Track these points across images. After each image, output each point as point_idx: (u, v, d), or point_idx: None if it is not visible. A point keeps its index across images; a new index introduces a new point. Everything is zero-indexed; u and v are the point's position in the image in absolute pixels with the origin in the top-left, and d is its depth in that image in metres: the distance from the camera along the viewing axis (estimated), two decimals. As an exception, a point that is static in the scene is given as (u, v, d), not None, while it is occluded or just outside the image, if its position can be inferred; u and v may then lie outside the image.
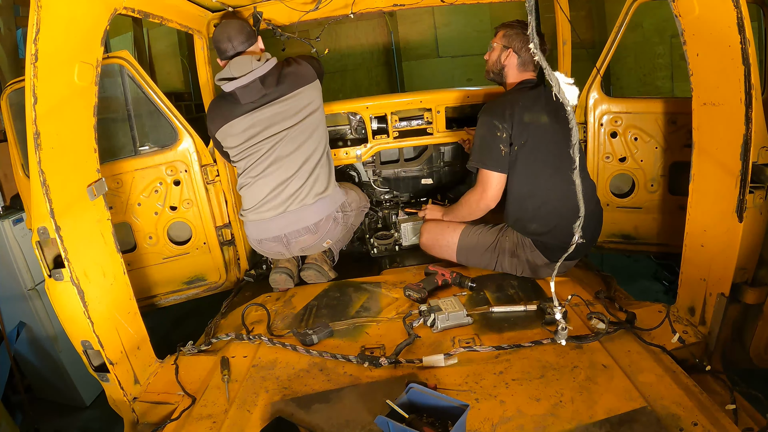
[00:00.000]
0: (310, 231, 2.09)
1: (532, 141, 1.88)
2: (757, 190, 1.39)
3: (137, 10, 1.66)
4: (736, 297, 1.48)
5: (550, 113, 1.91)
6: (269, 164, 2.03)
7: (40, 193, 1.27)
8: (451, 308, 1.72)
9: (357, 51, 5.40)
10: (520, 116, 1.88)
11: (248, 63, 1.96)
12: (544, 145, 1.88)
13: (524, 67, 2.01)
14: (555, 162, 1.88)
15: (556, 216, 1.89)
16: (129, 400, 1.51)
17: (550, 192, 1.89)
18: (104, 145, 1.76)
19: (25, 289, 2.40)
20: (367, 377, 1.49)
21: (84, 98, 1.44)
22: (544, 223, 1.91)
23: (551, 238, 1.90)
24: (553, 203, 1.89)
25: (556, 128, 1.89)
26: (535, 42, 0.87)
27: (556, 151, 1.86)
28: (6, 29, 3.05)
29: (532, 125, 1.88)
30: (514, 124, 1.88)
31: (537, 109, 1.91)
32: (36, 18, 1.19)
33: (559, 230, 1.88)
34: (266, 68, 1.98)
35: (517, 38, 2.00)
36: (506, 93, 2.03)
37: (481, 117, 1.97)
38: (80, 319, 1.38)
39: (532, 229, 1.93)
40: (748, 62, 1.29)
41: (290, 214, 2.05)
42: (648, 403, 1.25)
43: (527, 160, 1.90)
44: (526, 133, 1.88)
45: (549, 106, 1.92)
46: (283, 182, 2.03)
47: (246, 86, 1.96)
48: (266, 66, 1.98)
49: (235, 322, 1.92)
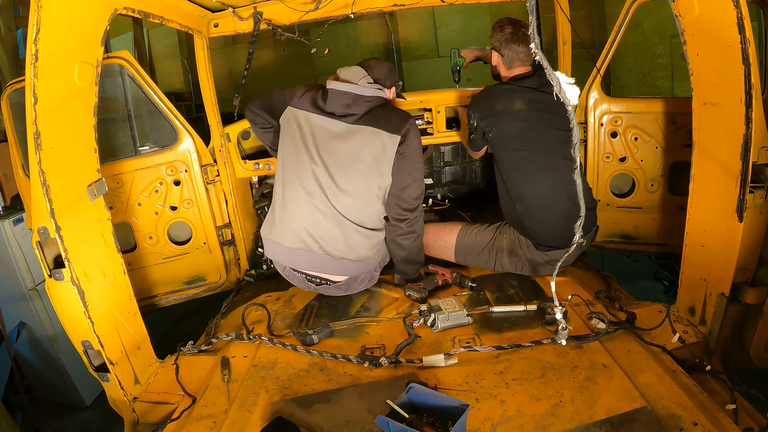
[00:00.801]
0: (342, 282, 1.93)
1: (507, 131, 1.92)
2: (757, 190, 1.39)
3: (137, 10, 1.66)
4: (736, 297, 1.48)
5: (537, 105, 1.91)
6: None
7: (41, 193, 1.27)
8: (451, 308, 1.72)
9: (357, 51, 5.39)
10: (492, 105, 1.95)
11: (358, 75, 1.90)
12: (526, 139, 1.89)
13: (511, 64, 2.02)
14: (551, 160, 1.87)
15: (548, 213, 1.89)
16: (129, 400, 1.51)
17: (540, 189, 1.89)
18: (104, 145, 1.76)
19: (25, 289, 2.39)
20: (367, 377, 1.49)
21: (84, 98, 1.44)
22: (537, 221, 1.91)
23: (546, 236, 1.90)
24: (546, 200, 1.88)
25: (542, 124, 1.89)
26: (536, 42, 0.87)
27: (551, 147, 1.87)
28: (6, 29, 3.05)
29: (506, 115, 1.91)
30: (485, 113, 1.95)
31: (516, 98, 1.93)
32: (36, 18, 1.19)
33: (553, 227, 1.88)
34: (367, 92, 1.87)
35: (496, 38, 2.03)
36: (496, 88, 2.03)
37: (469, 105, 2.08)
38: (80, 319, 1.38)
39: (527, 226, 1.93)
40: (748, 62, 1.29)
41: (328, 260, 1.87)
42: (648, 403, 1.25)
43: (505, 144, 1.94)
44: (499, 122, 1.92)
45: (538, 99, 1.92)
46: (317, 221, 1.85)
47: (340, 93, 1.87)
48: (369, 91, 1.88)
49: (236, 322, 1.92)
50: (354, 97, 1.87)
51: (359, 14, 2.32)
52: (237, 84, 2.42)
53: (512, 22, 2.01)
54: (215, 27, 2.30)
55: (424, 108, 2.51)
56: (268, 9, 2.25)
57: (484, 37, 4.94)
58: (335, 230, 1.85)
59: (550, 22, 2.70)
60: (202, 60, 2.30)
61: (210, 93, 2.35)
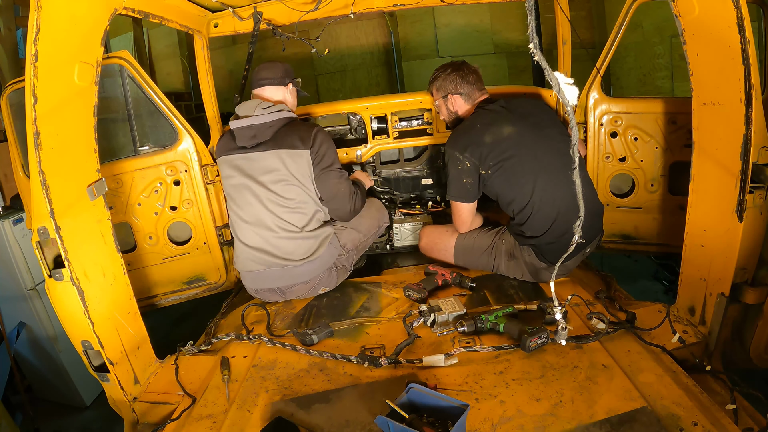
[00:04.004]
0: (305, 283, 2.02)
1: (503, 155, 1.87)
2: (757, 190, 1.39)
3: (137, 10, 1.66)
4: (736, 297, 1.48)
5: (521, 121, 1.91)
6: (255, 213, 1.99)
7: (40, 193, 1.27)
8: (451, 308, 1.73)
9: (357, 51, 5.39)
10: (480, 138, 1.89)
11: (253, 107, 1.97)
12: (521, 154, 1.87)
13: (470, 96, 2.04)
14: (539, 167, 1.87)
15: (549, 220, 1.87)
16: (129, 400, 1.51)
17: (538, 197, 1.87)
18: (104, 145, 1.76)
19: (25, 289, 2.39)
20: (367, 377, 1.49)
21: (84, 98, 1.44)
22: (538, 229, 1.90)
23: (547, 241, 1.89)
24: (545, 209, 1.87)
25: (532, 133, 1.89)
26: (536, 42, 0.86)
27: (539, 156, 1.87)
28: (6, 29, 3.05)
29: (498, 142, 1.87)
30: (476, 152, 1.89)
31: (499, 124, 1.90)
32: (36, 18, 1.19)
33: (553, 233, 1.88)
34: (266, 119, 1.96)
35: (444, 82, 2.06)
36: (465, 120, 2.03)
37: (445, 150, 2.01)
38: (80, 319, 1.38)
39: (528, 235, 1.92)
40: (748, 62, 1.29)
41: (279, 270, 1.98)
42: (648, 403, 1.25)
43: (507, 173, 1.89)
44: (494, 152, 1.87)
45: (517, 115, 1.93)
46: (266, 238, 1.97)
47: (242, 129, 1.97)
48: (269, 116, 1.96)
49: (235, 322, 1.92)
50: (256, 128, 1.96)
51: (359, 14, 2.32)
52: (237, 84, 2.42)
53: (446, 66, 2.08)
54: (215, 27, 2.30)
55: (424, 108, 2.51)
56: (268, 9, 2.25)
57: (484, 37, 4.99)
58: (285, 242, 1.97)
59: (550, 22, 2.70)
60: (202, 60, 2.30)
61: (210, 93, 2.35)
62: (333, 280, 2.09)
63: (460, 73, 2.04)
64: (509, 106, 1.98)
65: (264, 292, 2.05)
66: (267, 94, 2.07)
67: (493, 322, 1.61)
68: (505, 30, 4.96)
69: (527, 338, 1.49)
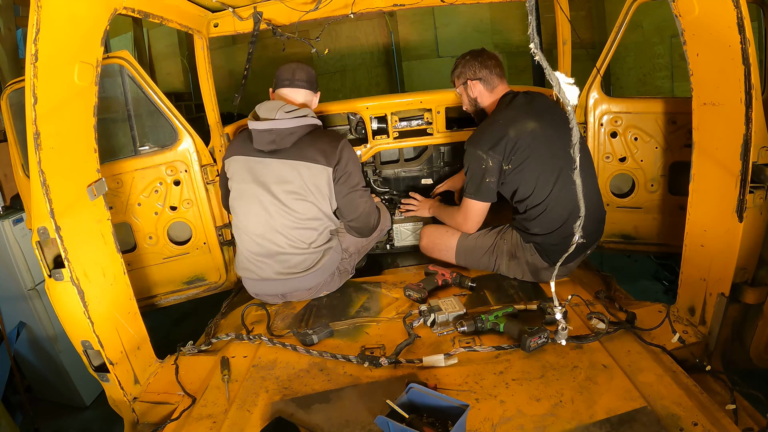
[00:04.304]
0: (307, 290, 2.01)
1: (526, 151, 1.85)
2: (757, 190, 1.39)
3: (137, 10, 1.66)
4: (736, 297, 1.48)
5: (541, 117, 1.90)
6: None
7: (40, 193, 1.27)
8: (451, 308, 1.73)
9: (357, 51, 5.39)
10: (503, 133, 1.85)
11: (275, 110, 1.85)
12: (542, 151, 1.86)
13: (489, 82, 2.01)
14: (557, 165, 1.86)
15: (560, 220, 1.87)
16: (129, 400, 1.51)
17: (554, 196, 1.87)
18: (104, 145, 1.76)
19: (25, 289, 2.39)
20: (367, 377, 1.49)
21: (84, 98, 1.44)
22: (547, 227, 1.89)
23: (552, 242, 1.89)
24: (557, 209, 1.87)
25: (551, 130, 1.87)
26: (536, 42, 0.86)
27: (557, 154, 1.85)
28: (6, 29, 3.05)
29: (522, 137, 1.84)
30: (500, 147, 1.85)
31: (522, 118, 1.88)
32: (36, 18, 1.19)
33: (560, 233, 1.88)
34: (288, 123, 1.84)
35: (465, 68, 2.04)
36: (488, 116, 2.01)
37: (467, 148, 1.96)
38: (80, 319, 1.38)
39: (535, 232, 1.92)
40: (748, 62, 1.29)
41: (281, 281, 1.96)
42: (648, 403, 1.25)
43: (527, 168, 1.87)
44: (518, 146, 1.84)
45: (537, 110, 1.91)
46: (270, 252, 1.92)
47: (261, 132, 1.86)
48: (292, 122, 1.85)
49: (235, 322, 1.92)
50: (276, 133, 1.85)
51: (359, 14, 2.32)
52: (237, 84, 2.42)
53: (466, 54, 2.06)
54: (215, 27, 2.30)
55: (424, 108, 2.51)
56: (268, 9, 2.25)
57: (484, 37, 4.99)
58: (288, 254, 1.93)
59: (550, 22, 2.70)
60: (202, 60, 2.30)
61: (210, 93, 2.35)
62: (335, 283, 2.08)
63: (479, 59, 2.01)
64: (531, 100, 1.96)
65: (265, 295, 2.05)
66: (298, 97, 1.97)
67: (493, 322, 1.61)
68: (505, 30, 4.96)
69: (527, 338, 1.49)
